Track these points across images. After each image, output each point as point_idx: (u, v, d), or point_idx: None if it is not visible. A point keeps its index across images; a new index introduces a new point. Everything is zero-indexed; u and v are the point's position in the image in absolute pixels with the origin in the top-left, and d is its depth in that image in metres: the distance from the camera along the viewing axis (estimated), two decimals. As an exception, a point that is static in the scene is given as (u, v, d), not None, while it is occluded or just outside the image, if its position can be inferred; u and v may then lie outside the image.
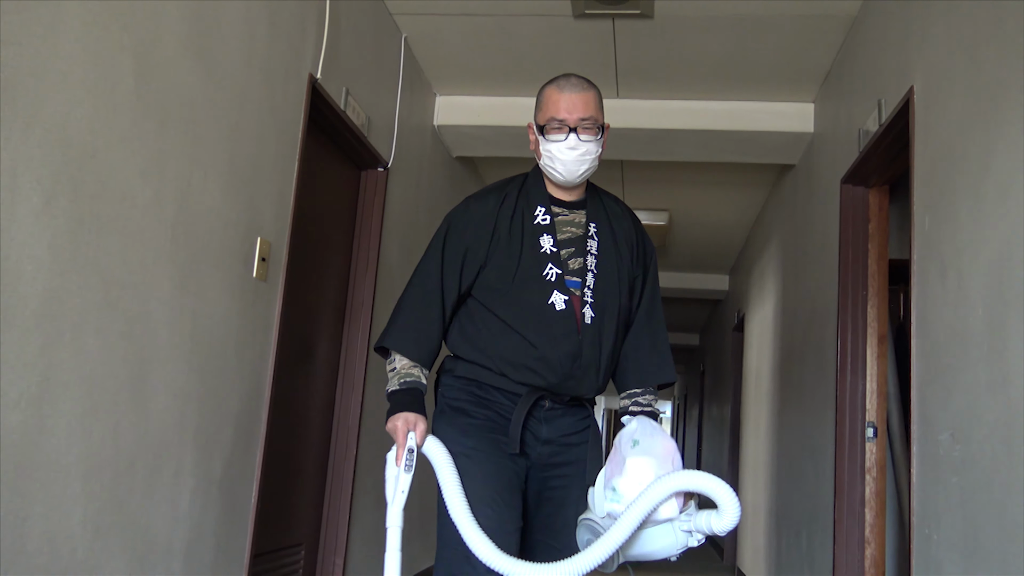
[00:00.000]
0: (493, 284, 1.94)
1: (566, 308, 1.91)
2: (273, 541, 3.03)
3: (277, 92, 2.66)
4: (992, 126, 2.04)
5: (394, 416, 1.86)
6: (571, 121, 1.90)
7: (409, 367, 1.92)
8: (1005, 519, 1.86)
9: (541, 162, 1.98)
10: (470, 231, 1.96)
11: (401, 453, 1.83)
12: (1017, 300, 1.86)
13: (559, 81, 1.97)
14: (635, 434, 1.84)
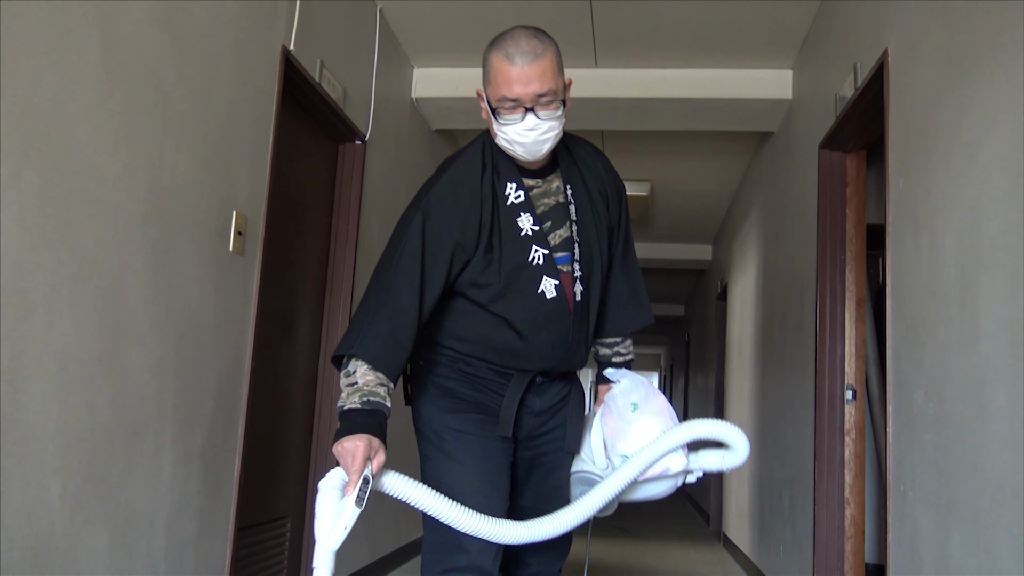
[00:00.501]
0: (479, 280, 1.73)
1: (557, 295, 1.75)
2: (258, 514, 3.05)
3: (249, 64, 2.64)
4: (963, 86, 2.05)
5: (352, 436, 1.52)
6: (527, 99, 1.63)
7: (374, 384, 1.60)
8: (977, 473, 1.89)
9: (498, 141, 1.72)
10: (457, 221, 1.70)
11: (355, 480, 1.49)
12: (987, 258, 1.88)
13: (507, 47, 1.64)
14: (630, 396, 1.81)
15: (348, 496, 1.48)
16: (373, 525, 4.11)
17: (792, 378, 3.94)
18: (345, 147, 3.68)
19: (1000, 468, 1.78)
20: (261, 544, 3.10)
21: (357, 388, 1.59)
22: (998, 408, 1.79)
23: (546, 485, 1.90)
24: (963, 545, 1.95)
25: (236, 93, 2.57)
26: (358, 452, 1.50)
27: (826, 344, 3.37)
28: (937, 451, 2.13)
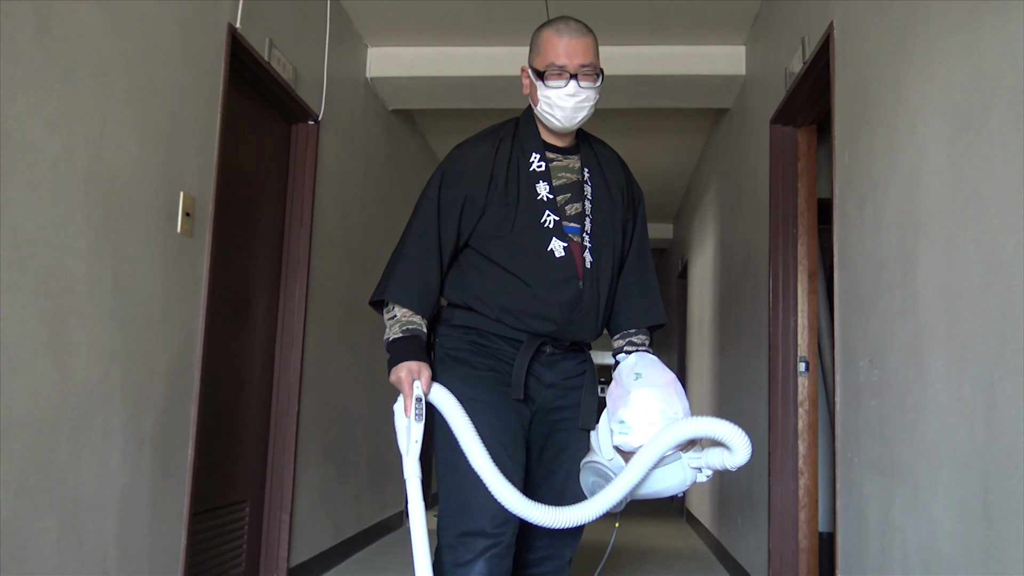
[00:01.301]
0: (491, 233, 1.90)
1: (565, 255, 1.89)
2: (215, 498, 3.03)
3: (193, 42, 2.59)
4: (901, 58, 2.08)
5: (397, 367, 1.82)
6: (571, 67, 1.86)
7: (410, 315, 1.87)
8: (916, 438, 1.94)
9: (538, 108, 1.92)
10: (467, 179, 1.91)
11: (409, 403, 1.79)
12: (925, 226, 1.92)
13: (557, 25, 1.90)
14: (635, 367, 1.86)
15: (409, 416, 1.79)
16: (335, 507, 4.11)
17: (747, 352, 3.99)
18: (298, 127, 3.64)
19: (938, 432, 1.82)
20: (219, 528, 3.08)
21: (396, 320, 1.87)
22: (936, 373, 1.83)
23: (555, 464, 1.95)
24: (904, 509, 2.00)
25: (181, 72, 2.52)
26: (403, 380, 1.80)
27: (779, 317, 3.42)
28: (881, 417, 2.17)
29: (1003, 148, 1.55)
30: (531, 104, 1.97)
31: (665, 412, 1.74)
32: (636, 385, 1.80)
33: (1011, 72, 1.53)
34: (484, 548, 1.77)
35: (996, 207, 1.57)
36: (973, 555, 1.64)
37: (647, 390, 1.78)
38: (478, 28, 4.16)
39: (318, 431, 3.83)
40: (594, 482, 1.83)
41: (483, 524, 1.77)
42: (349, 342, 4.23)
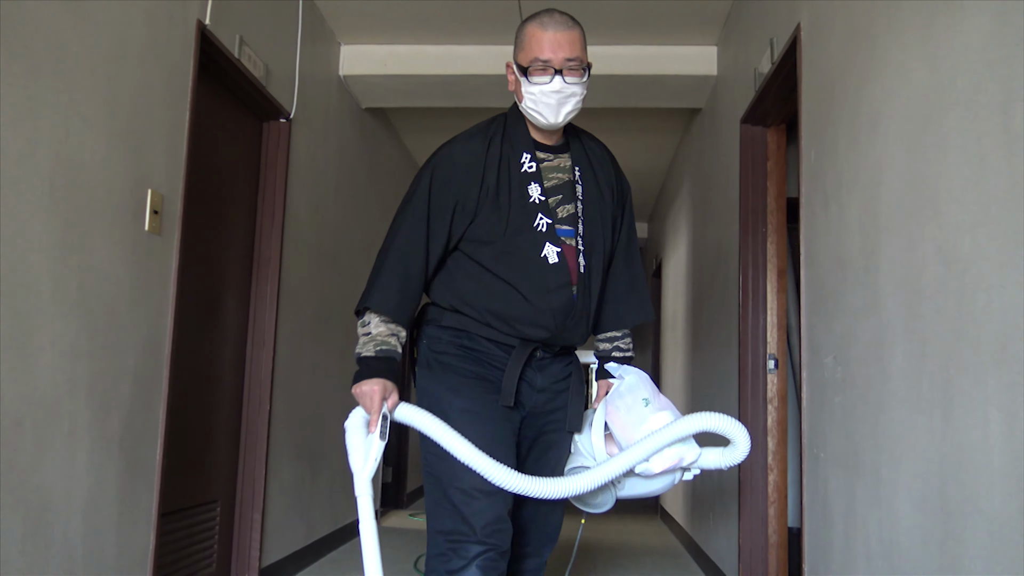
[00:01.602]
0: (483, 238, 1.83)
1: (559, 261, 1.83)
2: (185, 498, 3.01)
3: (161, 39, 2.58)
4: (865, 59, 2.11)
5: (368, 380, 1.75)
6: (556, 62, 1.79)
7: (386, 335, 1.80)
8: (878, 432, 1.97)
9: (523, 105, 1.85)
10: (457, 181, 1.82)
11: (376, 419, 1.73)
12: (886, 224, 1.95)
13: (541, 18, 1.83)
14: (639, 392, 1.83)
15: (373, 433, 1.72)
16: (308, 507, 4.10)
17: (719, 350, 4.03)
18: (270, 125, 3.63)
19: (898, 427, 1.85)
20: (189, 529, 3.06)
21: (371, 338, 1.80)
22: (896, 368, 1.86)
23: (543, 462, 1.94)
24: (867, 502, 2.03)
25: (148, 69, 2.51)
26: (375, 394, 1.74)
27: (748, 315, 3.45)
28: (845, 413, 2.20)
29: (959, 148, 1.58)
30: (516, 101, 1.90)
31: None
32: (651, 411, 1.78)
33: (966, 73, 1.56)
34: (476, 554, 1.74)
35: (952, 206, 1.60)
36: (931, 547, 1.67)
37: (663, 415, 1.77)
38: (452, 26, 4.16)
39: (290, 430, 3.81)
40: None
41: (476, 531, 1.74)
42: (321, 340, 4.22)
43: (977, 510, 1.49)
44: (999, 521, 1.41)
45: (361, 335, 1.82)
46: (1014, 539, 1.36)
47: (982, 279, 1.48)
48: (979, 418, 1.48)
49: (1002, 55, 1.43)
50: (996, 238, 1.44)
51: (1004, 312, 1.41)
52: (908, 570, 1.77)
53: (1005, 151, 1.41)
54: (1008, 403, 1.39)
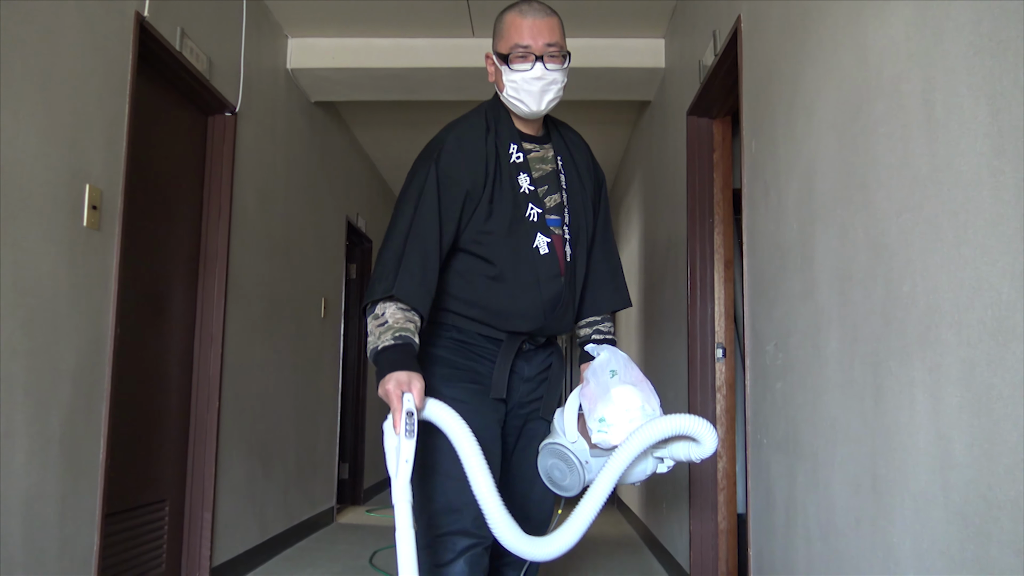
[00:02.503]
0: (481, 229, 1.81)
1: (549, 252, 1.84)
2: (131, 498, 2.97)
3: (98, 31, 2.53)
4: (800, 49, 2.15)
5: (384, 378, 1.63)
6: (537, 48, 1.79)
7: (403, 322, 1.69)
8: (816, 417, 2.01)
9: (504, 94, 1.84)
10: (466, 171, 1.78)
11: (399, 418, 1.59)
12: (821, 212, 1.99)
13: (520, 6, 1.84)
14: (609, 365, 1.82)
15: (399, 433, 1.59)
16: (261, 504, 4.06)
17: (669, 340, 4.07)
18: (214, 119, 3.58)
19: (833, 411, 1.89)
20: (137, 529, 3.02)
21: (388, 327, 1.68)
22: (831, 354, 1.90)
23: (528, 452, 1.93)
24: (806, 486, 2.07)
25: (84, 61, 2.46)
26: (391, 393, 1.61)
27: (697, 305, 3.50)
28: (785, 399, 2.25)
29: (886, 136, 1.62)
30: (497, 92, 1.89)
31: (644, 408, 1.75)
32: (614, 382, 1.78)
33: (892, 63, 1.59)
34: (465, 547, 1.74)
35: (880, 193, 1.64)
36: (864, 526, 1.71)
37: (627, 387, 1.77)
38: (400, 20, 4.14)
39: (241, 427, 3.78)
40: (553, 464, 1.83)
41: (466, 524, 1.74)
42: (272, 336, 4.18)
43: (905, 489, 1.53)
44: (924, 499, 1.45)
45: (375, 328, 1.70)
46: (936, 515, 1.40)
47: (908, 264, 1.52)
48: (906, 400, 1.52)
49: (923, 46, 1.47)
50: (919, 223, 1.47)
51: (928, 296, 1.44)
52: (844, 550, 1.82)
53: (927, 138, 1.45)
54: (932, 384, 1.43)
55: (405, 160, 6.53)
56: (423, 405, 1.63)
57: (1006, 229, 1.21)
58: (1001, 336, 1.22)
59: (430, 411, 1.65)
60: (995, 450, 1.23)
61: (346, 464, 6.15)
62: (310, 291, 4.87)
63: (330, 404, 5.41)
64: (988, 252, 1.25)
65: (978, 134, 1.29)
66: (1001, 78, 1.23)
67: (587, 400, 1.81)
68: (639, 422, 1.72)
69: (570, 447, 1.81)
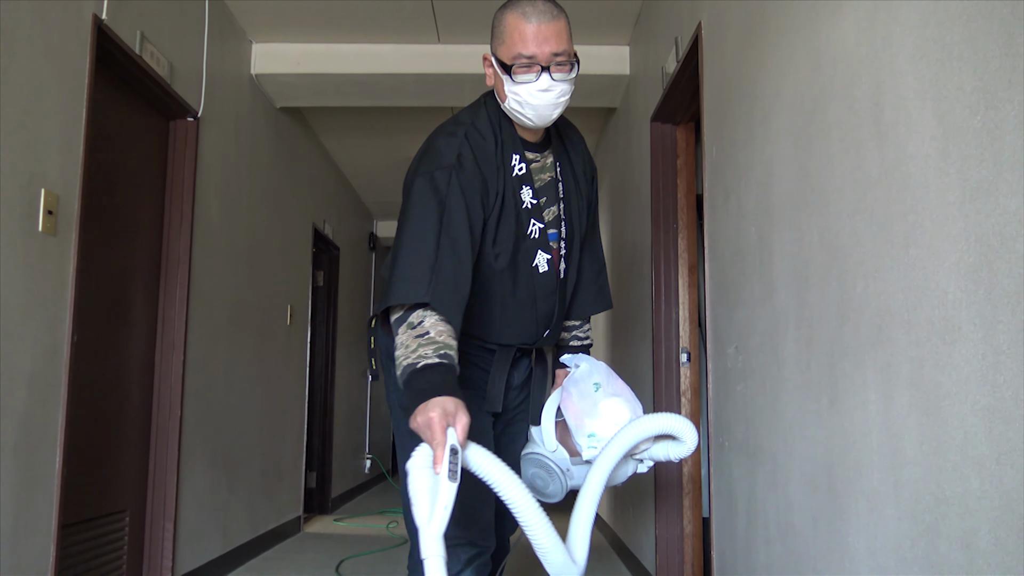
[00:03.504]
0: (486, 247, 1.70)
1: (548, 269, 1.79)
2: (90, 508, 2.92)
3: (54, 34, 2.49)
4: (758, 55, 2.17)
5: (427, 404, 1.36)
6: (542, 58, 1.63)
7: (447, 337, 1.47)
8: (775, 418, 2.02)
9: (506, 105, 1.70)
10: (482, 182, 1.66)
11: (441, 454, 1.32)
12: (778, 215, 2.01)
13: (523, 6, 1.65)
14: (592, 377, 1.81)
15: (439, 474, 1.31)
16: (225, 514, 4.01)
17: (635, 345, 4.09)
18: (176, 124, 3.54)
19: (791, 412, 1.91)
20: (96, 540, 2.97)
21: (430, 340, 1.44)
22: (789, 355, 1.92)
23: (508, 453, 1.92)
24: (766, 487, 2.08)
25: (39, 65, 2.42)
26: (434, 424, 1.35)
27: (662, 310, 3.51)
28: (746, 401, 2.26)
29: (839, 139, 1.64)
30: (497, 98, 1.74)
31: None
32: (600, 396, 1.77)
33: (844, 67, 1.62)
34: (472, 557, 1.73)
35: (834, 195, 1.66)
36: (820, 526, 1.72)
37: (614, 400, 1.76)
38: (365, 25, 4.13)
39: (204, 437, 3.73)
40: (534, 473, 1.84)
41: (472, 536, 1.72)
42: (237, 344, 4.14)
43: (859, 488, 1.54)
44: (877, 497, 1.47)
45: (411, 339, 1.46)
46: (888, 513, 1.42)
47: (860, 265, 1.54)
48: (859, 400, 1.54)
49: (873, 50, 1.49)
50: (871, 225, 1.49)
51: (879, 297, 1.46)
52: (802, 551, 1.83)
53: (877, 141, 1.47)
54: (883, 384, 1.44)
55: (373, 167, 6.52)
56: (465, 440, 1.37)
57: (951, 229, 1.23)
58: (948, 335, 1.24)
59: (471, 455, 1.39)
60: (943, 447, 1.25)
61: (314, 473, 6.10)
62: (276, 298, 4.83)
63: (296, 412, 5.36)
64: (935, 252, 1.27)
65: (925, 136, 1.31)
66: (946, 82, 1.25)
67: (573, 416, 1.79)
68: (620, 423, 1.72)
69: (550, 456, 1.82)
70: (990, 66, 1.13)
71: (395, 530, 5.40)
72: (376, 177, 6.81)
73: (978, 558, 1.16)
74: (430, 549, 1.28)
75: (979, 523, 1.16)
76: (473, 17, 4.05)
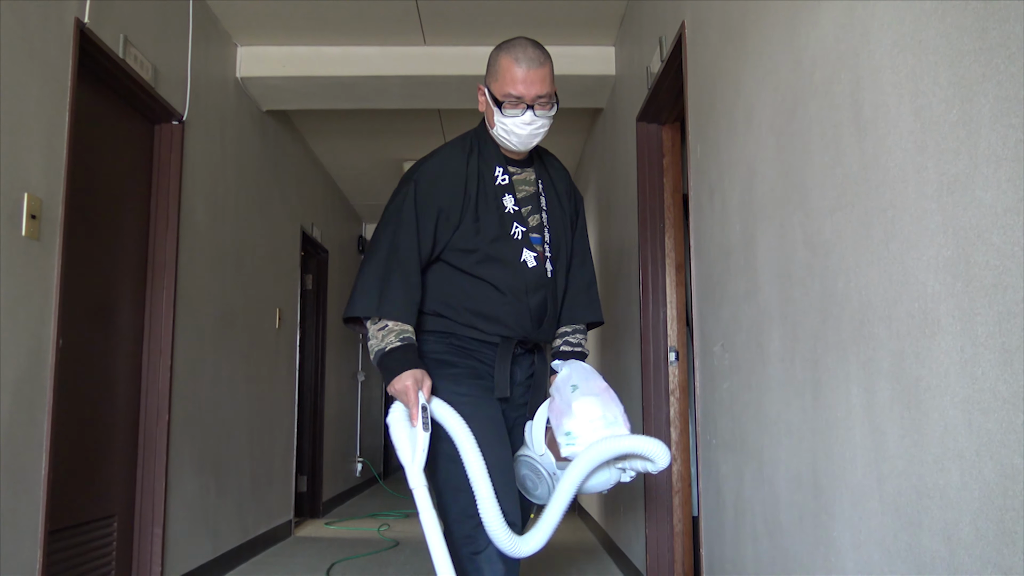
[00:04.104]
0: (465, 246, 1.97)
1: (536, 264, 2.02)
2: (78, 514, 2.90)
3: (35, 37, 2.48)
4: (740, 53, 2.18)
5: (401, 375, 1.84)
6: (528, 98, 1.95)
7: (403, 326, 1.91)
8: (760, 415, 2.03)
9: (494, 131, 2.02)
10: (443, 192, 1.97)
11: (416, 412, 1.82)
12: (761, 212, 2.01)
13: (515, 51, 1.96)
14: (571, 380, 1.96)
15: (416, 426, 1.81)
16: (215, 519, 4.00)
17: (623, 344, 4.09)
18: (161, 128, 3.53)
19: (776, 408, 1.91)
20: (84, 546, 2.95)
21: (390, 330, 1.89)
22: (773, 352, 1.93)
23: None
24: (752, 484, 2.09)
25: (21, 68, 2.41)
26: (410, 388, 1.83)
27: (649, 309, 3.52)
28: (732, 398, 2.27)
29: (819, 136, 1.65)
30: (486, 123, 2.06)
31: (606, 417, 1.87)
32: (575, 396, 1.91)
33: (823, 65, 1.63)
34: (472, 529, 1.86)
35: (815, 192, 1.67)
36: (806, 522, 1.73)
37: (587, 399, 1.90)
38: (351, 28, 4.13)
39: (193, 441, 3.71)
40: (525, 475, 1.98)
41: (467, 507, 1.85)
42: (225, 348, 4.13)
43: (843, 483, 1.55)
44: (861, 491, 1.47)
45: (376, 332, 1.90)
46: (872, 507, 1.43)
47: (841, 261, 1.55)
48: (842, 395, 1.55)
49: (852, 46, 1.50)
50: (851, 221, 1.50)
51: (860, 292, 1.47)
52: (788, 547, 1.84)
53: (856, 137, 1.48)
54: (865, 379, 1.45)
55: (360, 170, 6.51)
56: (430, 399, 1.86)
57: (929, 223, 1.23)
58: (927, 328, 1.24)
59: (436, 408, 1.86)
60: (924, 440, 1.26)
61: (304, 477, 6.08)
62: (264, 302, 4.81)
63: (286, 416, 5.35)
64: (914, 246, 1.28)
65: (903, 132, 1.31)
66: (922, 76, 1.26)
67: (554, 416, 1.95)
68: (602, 432, 1.86)
69: (538, 459, 1.97)
70: (964, 60, 1.14)
71: (386, 533, 5.39)
72: (363, 179, 6.80)
73: (959, 549, 1.17)
74: (416, 480, 1.78)
75: (960, 515, 1.16)
76: (459, 19, 4.05)
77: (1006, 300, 1.06)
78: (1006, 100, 1.05)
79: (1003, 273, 1.06)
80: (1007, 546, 1.06)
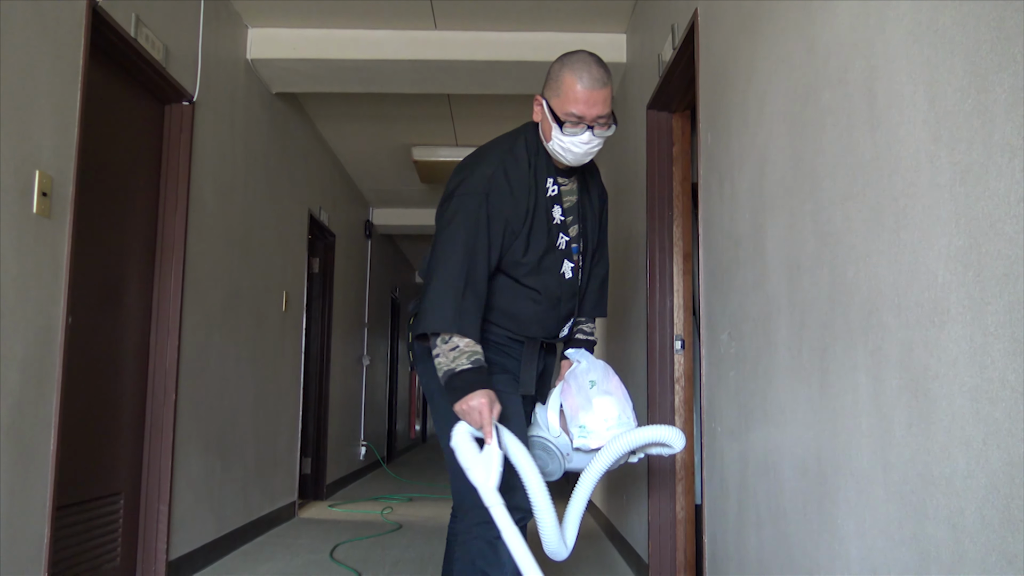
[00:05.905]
0: (519, 257, 2.01)
1: (572, 276, 2.10)
2: (85, 490, 2.93)
3: (48, 17, 2.48)
4: (753, 41, 2.17)
5: (471, 395, 1.85)
6: (589, 119, 1.95)
7: (473, 346, 1.90)
8: (767, 404, 2.04)
9: (549, 145, 2.02)
10: (511, 205, 1.98)
11: (490, 430, 1.84)
12: (771, 201, 2.01)
13: (578, 70, 1.94)
14: (589, 374, 2.05)
15: (490, 445, 1.83)
16: (219, 499, 4.02)
17: (630, 333, 4.10)
18: (171, 108, 3.53)
19: (783, 396, 1.92)
20: (90, 522, 2.98)
21: (461, 351, 1.88)
22: (781, 340, 1.93)
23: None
24: (756, 472, 2.10)
25: (33, 47, 2.42)
26: (485, 408, 1.84)
27: (656, 298, 3.52)
28: (738, 386, 2.27)
29: (832, 125, 1.65)
30: (540, 134, 2.05)
31: (621, 418, 1.98)
32: (595, 393, 2.00)
33: (838, 53, 1.62)
34: (517, 520, 1.93)
35: (826, 180, 1.67)
36: (810, 509, 1.74)
37: (606, 398, 2.00)
38: (362, 11, 4.12)
39: (199, 421, 3.74)
40: (536, 454, 2.05)
41: (518, 500, 1.94)
42: (231, 329, 4.14)
43: (849, 471, 1.55)
44: (866, 479, 1.48)
45: (447, 351, 1.89)
46: (877, 494, 1.43)
47: (851, 250, 1.55)
48: (850, 383, 1.55)
49: (867, 36, 1.50)
50: (862, 210, 1.50)
51: (870, 281, 1.47)
52: (792, 534, 1.84)
53: (870, 126, 1.48)
54: (873, 367, 1.45)
55: (369, 154, 6.51)
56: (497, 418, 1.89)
57: (941, 213, 1.24)
58: (937, 317, 1.25)
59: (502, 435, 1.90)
60: (931, 429, 1.26)
61: (308, 459, 6.11)
62: (271, 284, 4.83)
63: (291, 398, 5.37)
64: (926, 236, 1.28)
65: (916, 121, 1.31)
66: (938, 66, 1.25)
67: (569, 407, 2.05)
68: (616, 430, 1.97)
69: (553, 441, 2.06)
70: (981, 49, 1.14)
71: (389, 516, 5.42)
72: (372, 164, 6.80)
73: (964, 537, 1.17)
74: (492, 499, 1.81)
75: (966, 503, 1.17)
76: (470, 4, 4.04)
77: (1017, 290, 1.06)
78: (1022, 90, 1.05)
79: (1015, 263, 1.06)
80: (1012, 534, 1.07)
